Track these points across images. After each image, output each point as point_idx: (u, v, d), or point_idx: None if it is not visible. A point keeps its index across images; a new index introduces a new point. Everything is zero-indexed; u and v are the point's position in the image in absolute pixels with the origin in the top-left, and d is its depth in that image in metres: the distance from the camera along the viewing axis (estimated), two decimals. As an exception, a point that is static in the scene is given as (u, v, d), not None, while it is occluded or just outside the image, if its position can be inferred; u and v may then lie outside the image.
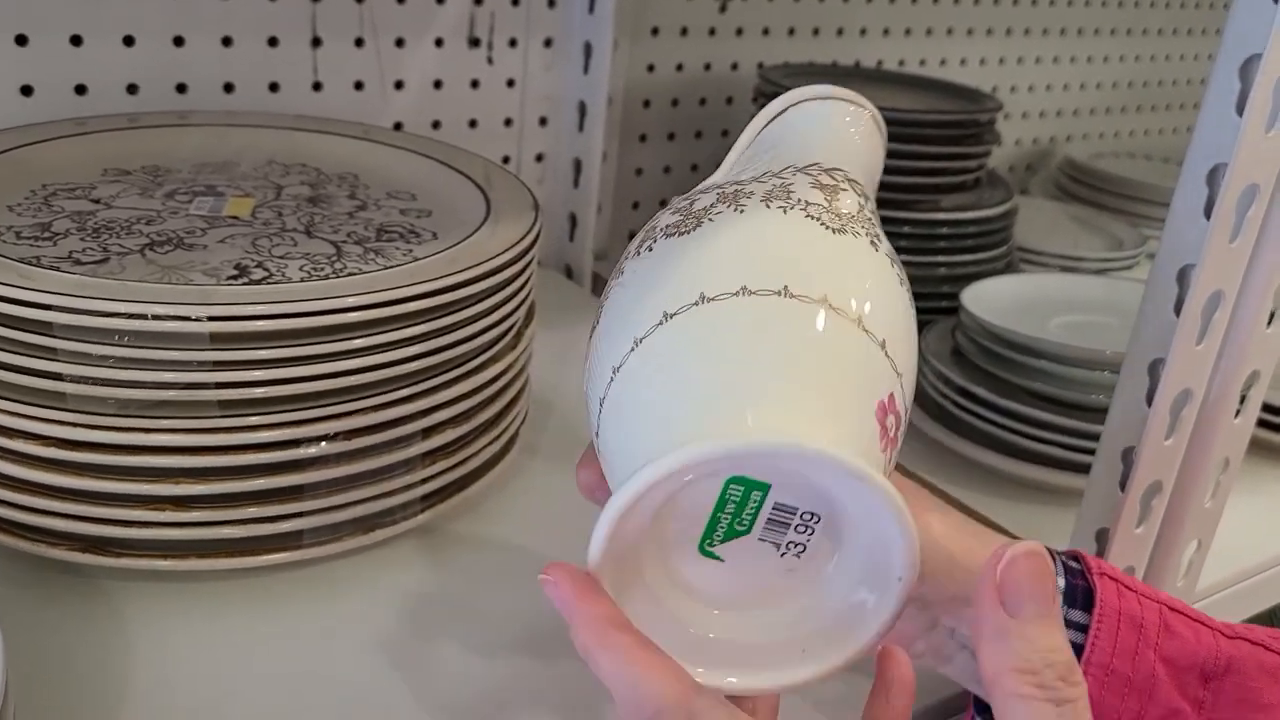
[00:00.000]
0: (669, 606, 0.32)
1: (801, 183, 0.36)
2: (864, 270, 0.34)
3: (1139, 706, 0.38)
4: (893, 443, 0.31)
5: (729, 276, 0.32)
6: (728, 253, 0.33)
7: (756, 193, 0.35)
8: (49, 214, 0.53)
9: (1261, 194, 0.45)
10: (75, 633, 0.45)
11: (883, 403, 0.31)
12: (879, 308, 0.32)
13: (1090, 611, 0.39)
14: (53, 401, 0.43)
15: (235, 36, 0.71)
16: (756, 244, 0.33)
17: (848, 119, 0.41)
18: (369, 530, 0.49)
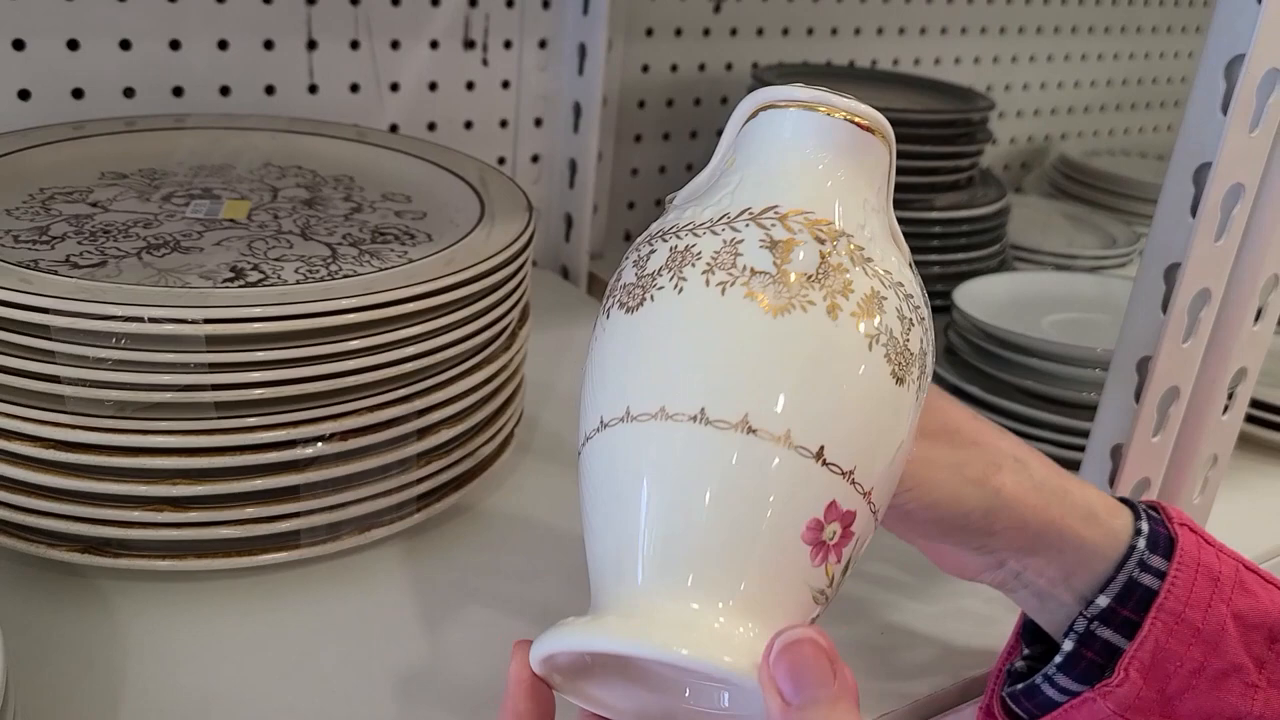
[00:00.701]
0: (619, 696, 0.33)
1: (751, 240, 0.32)
2: (806, 359, 0.31)
3: (1202, 657, 0.39)
4: (837, 549, 0.31)
5: (651, 392, 0.31)
6: (655, 357, 0.32)
7: (703, 255, 0.32)
8: (47, 217, 0.53)
9: (1246, 193, 0.46)
10: (74, 632, 0.45)
11: (816, 519, 0.30)
12: (818, 406, 0.30)
13: (1170, 560, 0.40)
14: (51, 404, 0.44)
15: (231, 40, 0.71)
16: (682, 348, 0.31)
17: (819, 131, 0.34)
18: (366, 530, 0.50)
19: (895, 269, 0.33)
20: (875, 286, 0.32)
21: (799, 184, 0.33)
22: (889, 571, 0.55)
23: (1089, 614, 0.40)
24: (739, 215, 0.33)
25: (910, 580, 0.55)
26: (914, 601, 0.53)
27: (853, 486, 0.31)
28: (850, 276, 0.31)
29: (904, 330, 0.32)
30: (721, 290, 0.31)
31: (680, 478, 0.30)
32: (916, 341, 0.33)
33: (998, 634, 0.52)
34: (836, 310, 0.31)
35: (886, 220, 0.35)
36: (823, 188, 0.33)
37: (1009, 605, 0.54)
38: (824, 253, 0.32)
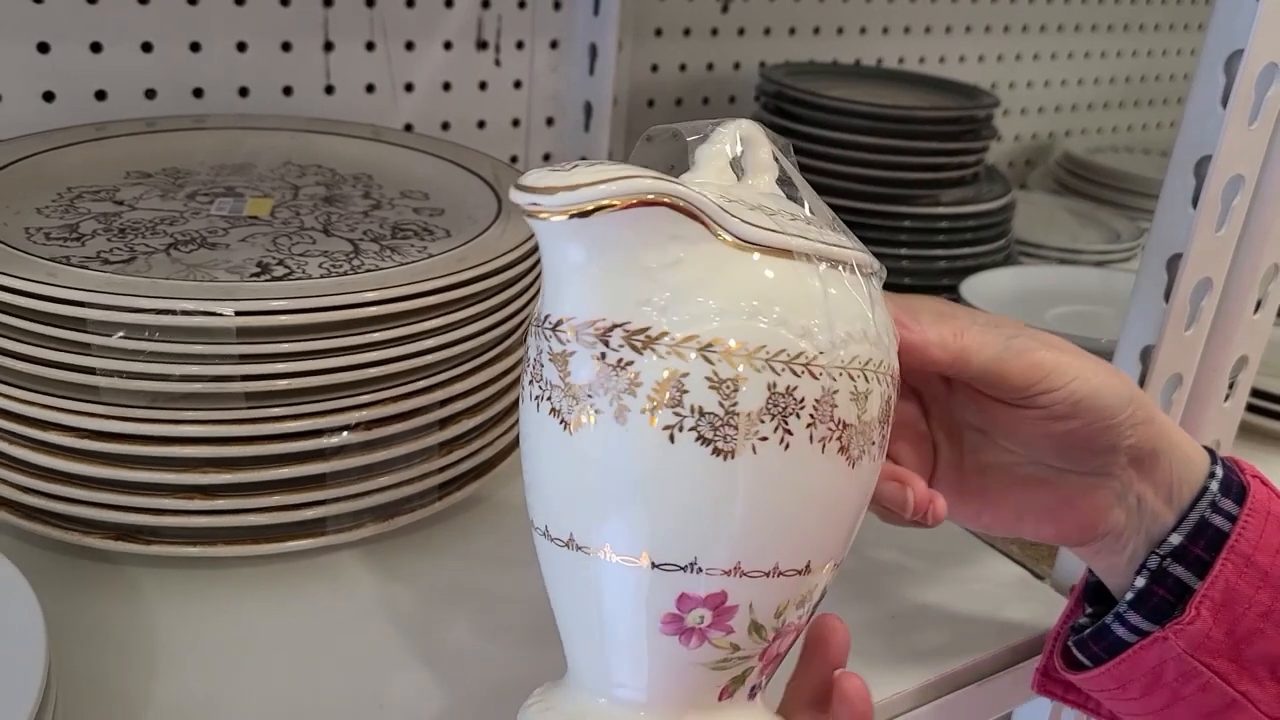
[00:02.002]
0: None
1: (534, 355, 0.33)
2: (604, 470, 0.31)
3: (1270, 601, 0.40)
4: (716, 627, 0.33)
5: (564, 520, 0.33)
6: (564, 485, 0.33)
7: (595, 381, 0.31)
8: (75, 215, 0.55)
9: (1246, 184, 0.47)
10: (108, 618, 0.46)
11: (670, 613, 0.32)
12: (628, 515, 0.32)
13: (1241, 505, 0.41)
14: (86, 395, 0.45)
15: (249, 41, 0.73)
16: (580, 477, 0.32)
17: (549, 235, 0.31)
18: (389, 518, 0.51)
19: (707, 313, 0.31)
20: (670, 368, 0.30)
21: (565, 290, 0.32)
22: (898, 557, 0.56)
23: (1161, 551, 0.41)
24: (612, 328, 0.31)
25: (920, 565, 0.56)
26: (923, 585, 0.54)
27: (701, 575, 0.32)
28: (636, 368, 0.30)
29: (725, 396, 0.30)
30: (618, 420, 0.31)
31: (564, 597, 0.35)
32: (755, 399, 0.31)
33: (1005, 616, 0.53)
34: (624, 412, 0.31)
35: (714, 250, 0.31)
36: (586, 287, 0.31)
37: (1017, 589, 0.56)
38: (596, 356, 0.31)
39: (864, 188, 0.83)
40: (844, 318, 0.32)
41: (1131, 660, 0.41)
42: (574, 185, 0.29)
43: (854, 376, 0.32)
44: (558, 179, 0.29)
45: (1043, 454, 0.42)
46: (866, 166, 0.83)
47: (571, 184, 0.29)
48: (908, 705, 0.48)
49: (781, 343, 0.31)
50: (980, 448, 0.44)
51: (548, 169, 0.30)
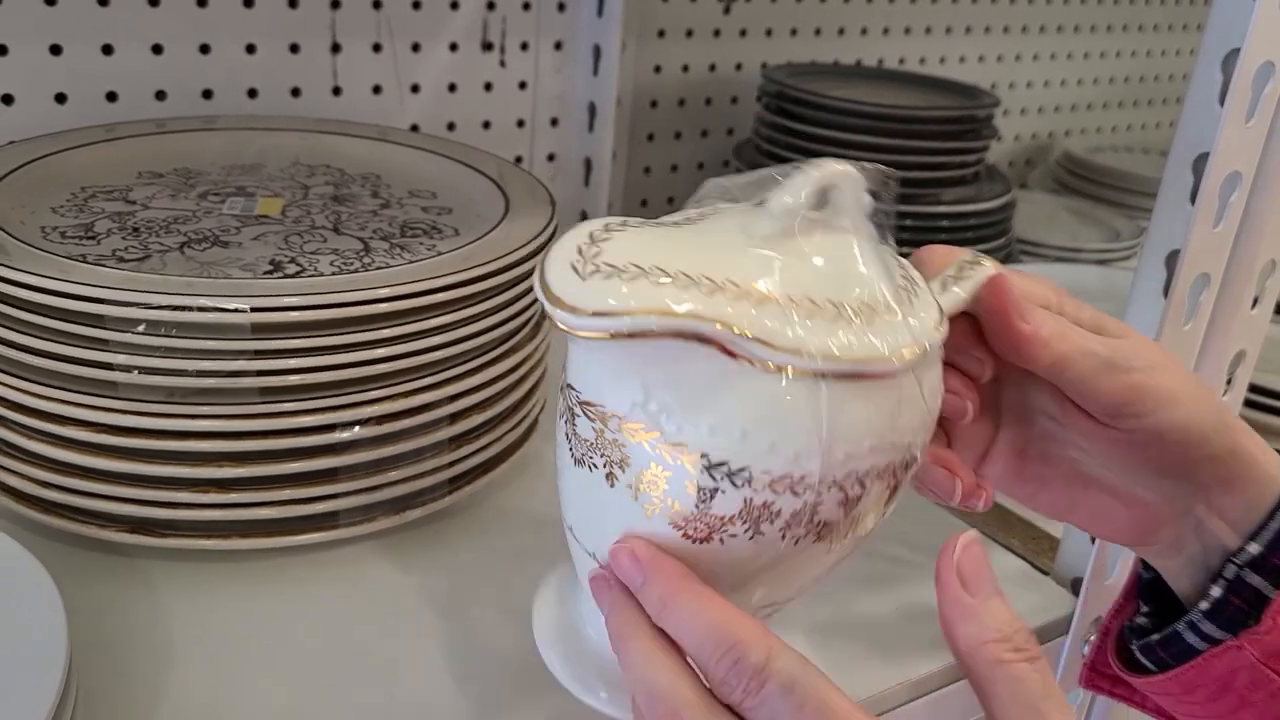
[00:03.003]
0: None
1: (566, 421, 0.36)
2: (594, 509, 0.36)
3: None
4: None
5: (577, 525, 0.37)
6: (574, 499, 0.37)
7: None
8: (89, 215, 0.55)
9: (1243, 181, 0.48)
10: (124, 608, 0.47)
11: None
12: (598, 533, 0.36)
13: None
14: (104, 390, 0.46)
15: (258, 43, 0.73)
16: (585, 500, 0.36)
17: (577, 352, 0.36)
18: (400, 511, 0.52)
19: (699, 427, 0.32)
20: (656, 463, 0.33)
21: (575, 363, 0.35)
22: (901, 552, 0.57)
23: (1239, 560, 0.40)
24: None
25: (923, 559, 0.57)
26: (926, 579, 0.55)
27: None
28: (627, 450, 0.33)
29: (702, 499, 0.33)
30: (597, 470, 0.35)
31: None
32: (730, 506, 0.33)
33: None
34: (613, 479, 0.34)
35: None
36: (592, 373, 0.34)
37: (1020, 581, 0.56)
38: (595, 429, 0.34)
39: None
40: (848, 439, 0.32)
41: (1201, 667, 0.40)
42: (613, 312, 0.30)
43: (846, 488, 0.33)
44: (594, 297, 0.30)
45: (1113, 465, 0.41)
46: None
47: (610, 310, 0.30)
48: (909, 695, 0.49)
49: (766, 465, 0.32)
50: (1049, 437, 0.42)
51: (573, 265, 0.31)
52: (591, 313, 0.30)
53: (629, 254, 0.31)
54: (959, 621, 0.33)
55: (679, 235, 0.34)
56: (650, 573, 0.33)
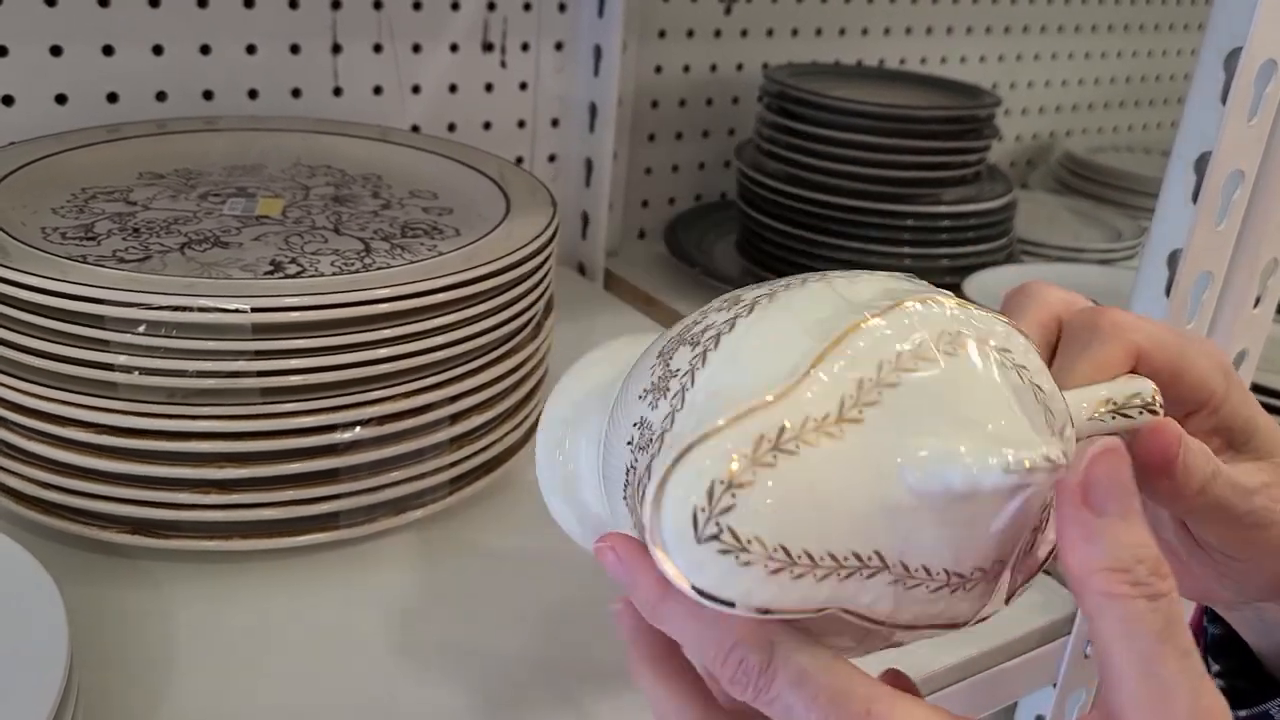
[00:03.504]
0: None
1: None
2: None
3: None
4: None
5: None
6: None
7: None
8: (90, 216, 0.55)
9: (1246, 179, 0.48)
10: (126, 610, 0.47)
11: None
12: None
13: None
14: (104, 391, 0.46)
15: (259, 44, 0.73)
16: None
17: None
18: (401, 512, 0.52)
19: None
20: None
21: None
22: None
23: None
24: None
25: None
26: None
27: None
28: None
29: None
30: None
31: None
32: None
33: (1011, 611, 0.53)
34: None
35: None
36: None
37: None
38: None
39: (867, 187, 0.84)
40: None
41: None
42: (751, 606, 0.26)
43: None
44: (721, 584, 0.26)
45: (1192, 554, 0.37)
46: (869, 166, 0.84)
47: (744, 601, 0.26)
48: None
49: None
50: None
51: (695, 516, 0.26)
52: (720, 599, 0.26)
53: (771, 527, 0.26)
54: (1074, 542, 0.27)
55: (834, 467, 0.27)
56: (635, 572, 0.30)
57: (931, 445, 0.26)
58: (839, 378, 0.27)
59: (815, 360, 0.27)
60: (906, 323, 0.28)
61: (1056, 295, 0.35)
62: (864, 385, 0.27)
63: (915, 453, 0.26)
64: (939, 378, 0.27)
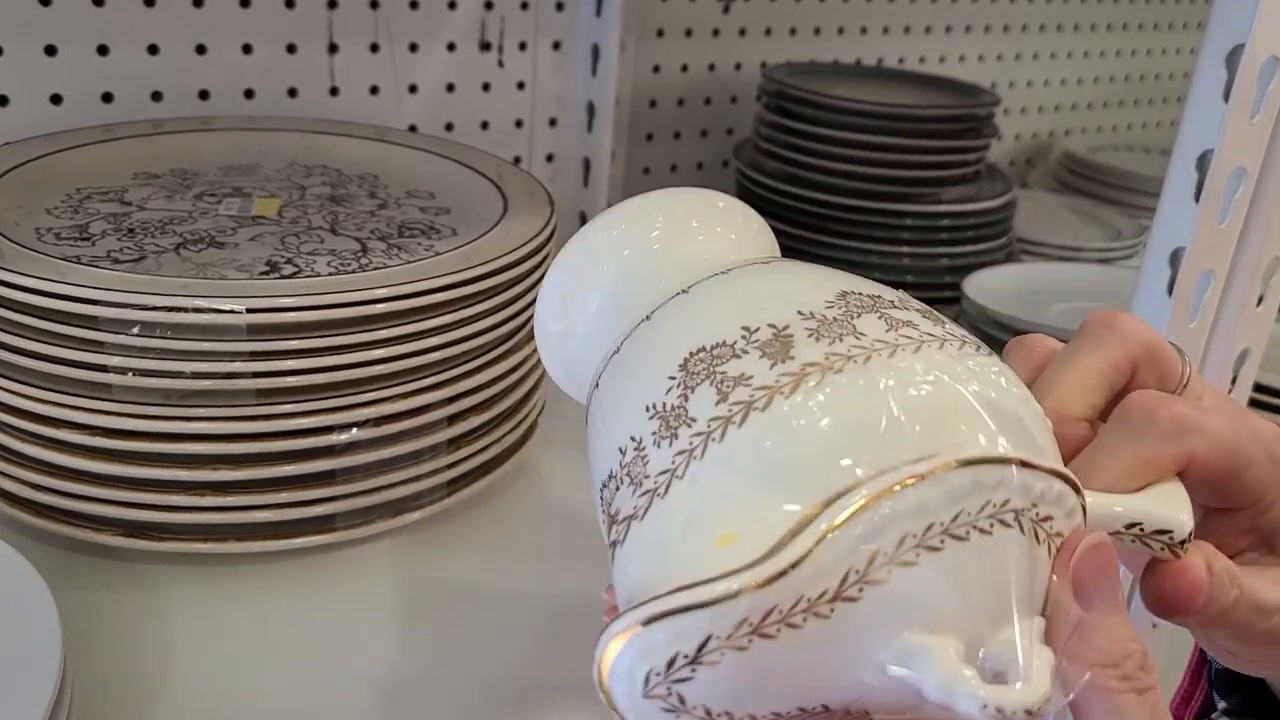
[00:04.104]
0: None
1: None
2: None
3: None
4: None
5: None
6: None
7: None
8: (84, 216, 0.55)
9: (1248, 177, 0.47)
10: (120, 612, 0.47)
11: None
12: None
13: None
14: (98, 393, 0.46)
15: (255, 44, 0.73)
16: None
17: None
18: (398, 514, 0.51)
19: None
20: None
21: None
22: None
23: None
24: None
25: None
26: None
27: None
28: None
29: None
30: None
31: None
32: None
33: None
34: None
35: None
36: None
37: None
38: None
39: (866, 186, 0.84)
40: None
41: None
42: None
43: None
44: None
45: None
46: (868, 165, 0.83)
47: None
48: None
49: None
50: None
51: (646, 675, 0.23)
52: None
53: (722, 698, 0.24)
54: (1063, 635, 0.27)
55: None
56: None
57: (920, 649, 0.24)
58: (854, 548, 0.23)
59: (838, 522, 0.23)
60: (958, 486, 0.24)
61: (1140, 339, 0.32)
62: (876, 561, 0.23)
63: (901, 652, 0.24)
64: (960, 560, 0.24)
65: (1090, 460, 0.30)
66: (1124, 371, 0.32)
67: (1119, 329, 0.32)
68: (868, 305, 0.28)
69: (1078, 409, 0.31)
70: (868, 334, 0.27)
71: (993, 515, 0.25)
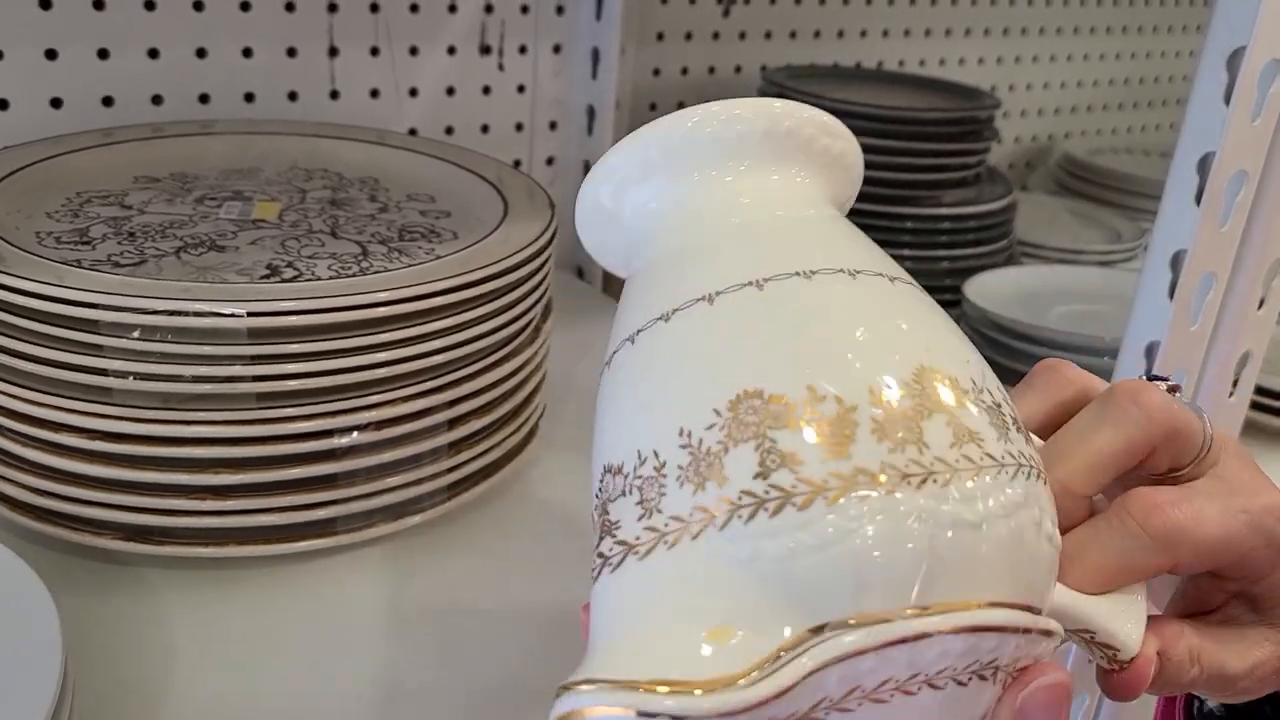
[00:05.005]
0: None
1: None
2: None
3: None
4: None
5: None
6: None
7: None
8: (85, 220, 0.55)
9: (1249, 180, 0.47)
10: (121, 617, 0.47)
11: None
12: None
13: None
14: (99, 396, 0.46)
15: (255, 48, 0.73)
16: None
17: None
18: (399, 517, 0.51)
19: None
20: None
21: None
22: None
23: None
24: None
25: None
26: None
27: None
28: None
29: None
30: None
31: None
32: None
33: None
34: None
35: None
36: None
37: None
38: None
39: (866, 189, 0.82)
40: None
41: None
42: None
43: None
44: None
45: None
46: (868, 168, 0.81)
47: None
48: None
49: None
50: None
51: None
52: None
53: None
54: None
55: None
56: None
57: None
58: (839, 682, 0.23)
59: (830, 659, 0.23)
60: (953, 648, 0.24)
61: (1163, 424, 0.31)
62: (852, 695, 0.24)
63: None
64: (928, 704, 0.24)
65: (1079, 546, 0.30)
66: (1140, 455, 0.31)
67: (1145, 408, 0.31)
68: (942, 398, 0.26)
69: (1085, 489, 0.31)
70: (931, 447, 0.25)
71: (975, 670, 0.25)
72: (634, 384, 0.28)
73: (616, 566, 0.26)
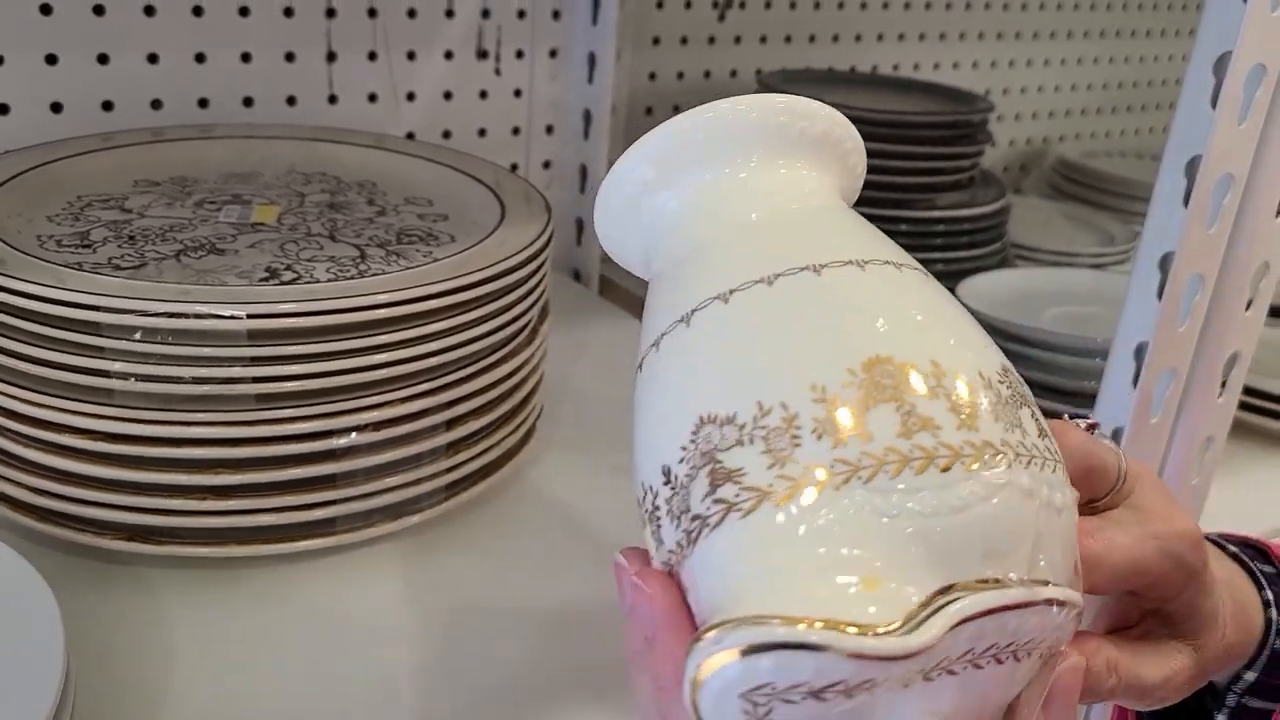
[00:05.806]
0: None
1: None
2: None
3: None
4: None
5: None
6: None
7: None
8: (85, 223, 0.55)
9: (1236, 183, 0.48)
10: (122, 617, 0.47)
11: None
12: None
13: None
14: (100, 398, 0.46)
15: (254, 53, 0.74)
16: None
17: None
18: (397, 517, 0.52)
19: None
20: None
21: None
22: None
23: (1238, 689, 0.39)
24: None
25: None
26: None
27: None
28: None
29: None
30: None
31: None
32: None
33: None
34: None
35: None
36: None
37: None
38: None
39: (862, 192, 0.84)
40: None
41: None
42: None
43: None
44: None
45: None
46: (863, 171, 0.84)
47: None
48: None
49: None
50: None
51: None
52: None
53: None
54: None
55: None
56: (638, 608, 0.27)
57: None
58: (968, 642, 0.24)
59: (970, 613, 0.24)
60: (1045, 618, 0.26)
61: (1076, 462, 0.33)
62: (966, 657, 0.25)
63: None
64: (992, 676, 0.26)
65: None
66: None
67: (1063, 449, 0.31)
68: (1023, 391, 0.28)
69: None
70: (1028, 434, 0.27)
71: (1030, 647, 0.26)
72: (733, 342, 0.28)
73: (749, 513, 0.25)
